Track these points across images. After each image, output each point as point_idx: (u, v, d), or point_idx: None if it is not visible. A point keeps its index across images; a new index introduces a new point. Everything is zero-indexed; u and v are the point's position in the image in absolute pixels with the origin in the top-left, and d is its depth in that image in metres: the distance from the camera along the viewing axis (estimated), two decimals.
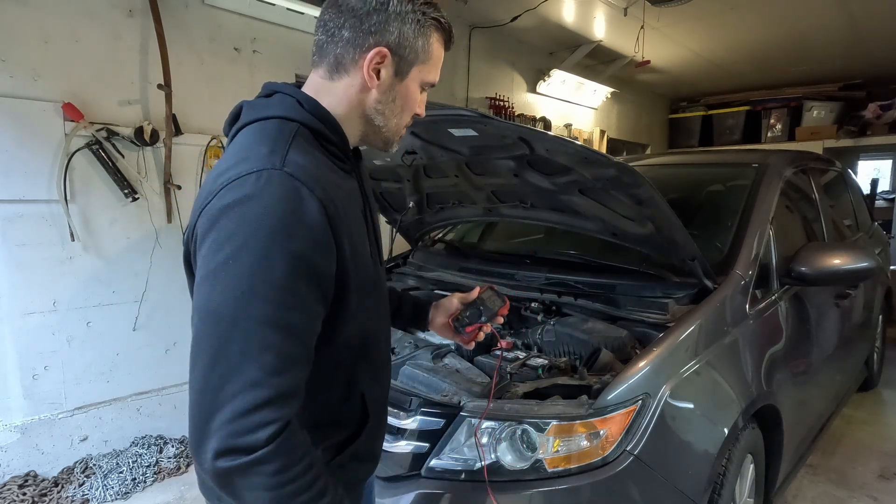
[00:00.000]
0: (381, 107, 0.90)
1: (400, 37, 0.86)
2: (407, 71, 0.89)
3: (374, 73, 0.87)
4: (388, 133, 0.94)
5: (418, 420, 1.53)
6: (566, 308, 1.97)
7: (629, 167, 1.53)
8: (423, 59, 0.90)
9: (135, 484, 2.70)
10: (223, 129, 0.97)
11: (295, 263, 0.73)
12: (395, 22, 0.85)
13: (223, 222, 0.73)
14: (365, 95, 0.89)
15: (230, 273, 0.71)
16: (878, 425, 3.32)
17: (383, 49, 0.86)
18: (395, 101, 0.90)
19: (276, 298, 0.72)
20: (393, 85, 0.89)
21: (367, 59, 0.86)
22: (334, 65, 0.88)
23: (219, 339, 0.70)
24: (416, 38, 0.87)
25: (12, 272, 2.57)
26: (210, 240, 0.74)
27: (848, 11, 4.65)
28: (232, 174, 0.76)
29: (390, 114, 0.91)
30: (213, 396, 0.69)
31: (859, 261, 2.10)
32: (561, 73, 5.58)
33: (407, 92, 0.91)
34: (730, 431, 1.61)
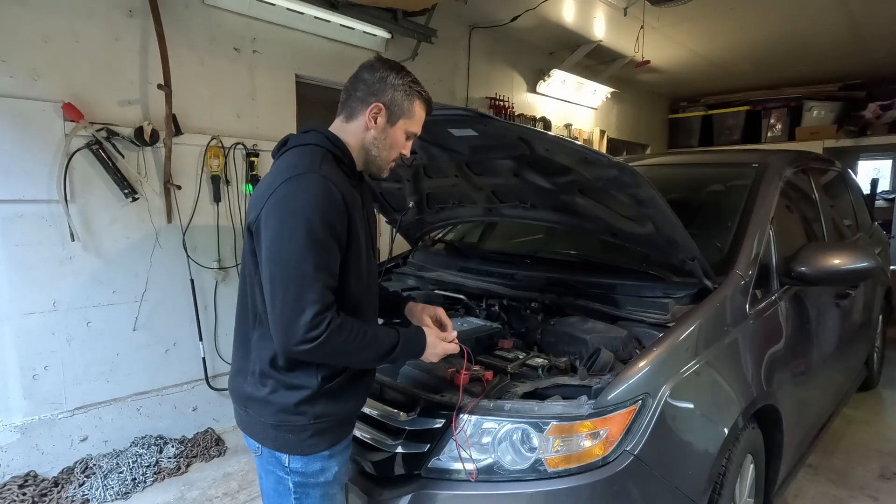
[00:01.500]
0: (377, 143, 1.35)
1: (392, 98, 1.33)
2: (395, 121, 1.35)
3: (373, 119, 1.33)
4: (380, 162, 1.38)
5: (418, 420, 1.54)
6: (566, 308, 1.97)
7: (629, 167, 1.53)
8: (407, 115, 1.36)
9: (135, 484, 2.70)
10: (273, 152, 1.40)
11: (329, 230, 1.19)
12: (390, 89, 1.32)
13: (285, 205, 1.18)
14: (366, 134, 1.35)
15: (293, 236, 1.17)
16: (878, 425, 3.32)
17: (380, 104, 1.32)
18: (385, 139, 1.36)
19: (319, 251, 1.18)
20: (385, 129, 1.35)
21: (369, 110, 1.32)
22: (349, 114, 1.35)
23: (289, 276, 1.17)
24: (403, 101, 1.34)
25: (12, 272, 2.57)
26: (276, 216, 1.19)
27: (848, 11, 4.65)
28: (289, 175, 1.21)
29: (382, 148, 1.36)
30: (290, 313, 1.16)
31: (859, 261, 2.09)
32: (561, 73, 5.58)
33: (394, 135, 1.36)
34: (730, 431, 1.61)
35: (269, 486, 1.37)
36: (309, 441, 1.29)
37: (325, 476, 1.34)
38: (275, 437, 1.29)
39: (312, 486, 1.33)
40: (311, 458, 1.31)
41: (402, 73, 1.33)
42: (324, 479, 1.34)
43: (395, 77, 1.32)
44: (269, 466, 1.34)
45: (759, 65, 6.32)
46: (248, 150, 3.35)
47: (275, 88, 3.55)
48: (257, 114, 3.46)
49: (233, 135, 3.31)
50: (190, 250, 3.14)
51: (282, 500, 1.35)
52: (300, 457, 1.30)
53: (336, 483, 1.37)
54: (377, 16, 3.84)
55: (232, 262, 3.36)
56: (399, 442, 1.54)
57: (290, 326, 1.15)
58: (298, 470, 1.31)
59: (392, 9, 3.89)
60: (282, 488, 1.34)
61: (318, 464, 1.32)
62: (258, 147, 3.40)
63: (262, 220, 1.21)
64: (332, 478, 1.35)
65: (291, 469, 1.31)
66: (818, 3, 4.47)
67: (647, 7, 4.30)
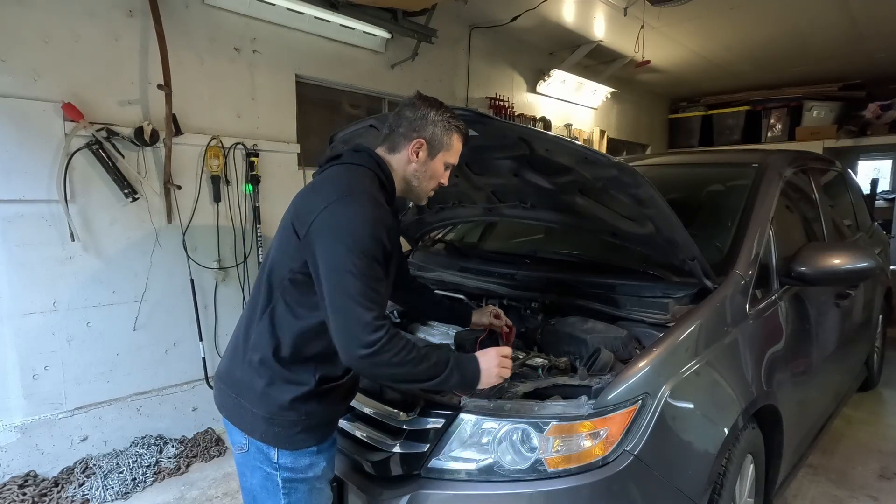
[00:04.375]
0: (418, 174, 1.46)
1: (433, 134, 1.43)
2: (435, 155, 1.45)
3: (415, 153, 1.43)
4: (420, 192, 1.49)
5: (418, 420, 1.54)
6: (566, 308, 1.97)
7: (629, 167, 1.53)
8: (446, 148, 1.45)
9: (135, 484, 2.70)
10: (321, 161, 1.48)
11: (380, 248, 1.26)
12: (430, 125, 1.42)
13: (342, 223, 1.25)
14: (408, 167, 1.45)
15: (350, 252, 1.22)
16: (878, 425, 3.32)
17: (422, 140, 1.42)
18: (426, 171, 1.46)
19: (373, 265, 1.24)
20: (426, 162, 1.44)
21: (411, 145, 1.42)
22: (392, 146, 1.45)
23: (349, 288, 1.21)
24: (443, 136, 1.43)
25: (12, 272, 2.57)
26: (333, 233, 1.24)
27: (848, 11, 4.65)
28: (343, 194, 1.28)
29: (423, 179, 1.47)
30: (353, 320, 1.20)
31: (859, 261, 2.09)
32: (561, 73, 5.58)
33: (434, 167, 1.46)
34: (730, 431, 1.61)
35: (254, 482, 1.38)
36: (298, 436, 1.33)
37: (313, 471, 1.38)
38: (264, 429, 1.32)
39: (301, 481, 1.36)
40: (299, 453, 1.35)
41: (441, 109, 1.43)
42: (312, 474, 1.37)
43: (434, 114, 1.42)
44: (255, 463, 1.36)
45: (759, 65, 6.32)
46: (248, 150, 3.36)
47: (275, 88, 3.55)
48: (257, 114, 3.46)
49: (233, 135, 3.31)
50: (190, 250, 3.14)
51: (269, 496, 1.36)
52: (289, 452, 1.33)
53: (323, 478, 1.42)
54: (377, 16, 3.84)
55: (232, 262, 3.36)
56: (399, 442, 1.54)
57: (353, 332, 1.20)
58: (287, 465, 1.34)
59: (392, 9, 3.89)
60: (270, 484, 1.35)
61: (306, 459, 1.36)
62: (258, 147, 3.40)
63: (315, 233, 1.25)
64: (319, 472, 1.39)
65: (280, 465, 1.33)
66: (818, 3, 4.47)
67: (647, 7, 4.30)
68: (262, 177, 3.43)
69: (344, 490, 1.61)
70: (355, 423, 1.69)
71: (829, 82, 7.02)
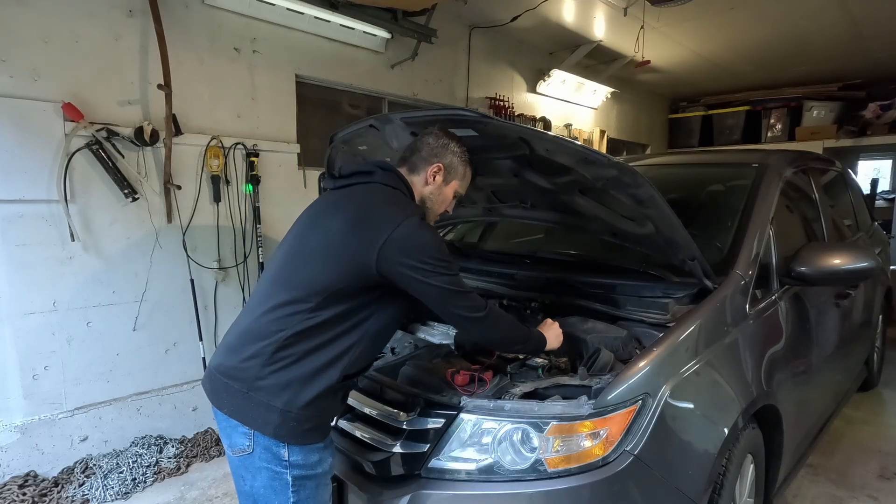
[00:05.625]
0: (432, 196, 1.60)
1: (451, 162, 1.59)
2: (449, 181, 1.61)
3: (433, 176, 1.57)
4: (431, 213, 1.61)
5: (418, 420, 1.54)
6: (566, 308, 1.97)
7: (629, 167, 1.53)
8: (460, 177, 1.63)
9: (135, 484, 2.70)
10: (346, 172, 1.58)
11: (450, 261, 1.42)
12: (450, 154, 1.59)
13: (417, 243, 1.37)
14: (425, 188, 1.58)
15: (437, 264, 1.37)
16: (878, 425, 3.32)
17: (441, 164, 1.57)
18: (440, 195, 1.60)
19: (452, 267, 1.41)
20: (441, 186, 1.59)
21: (431, 168, 1.57)
22: (412, 168, 1.58)
23: (452, 287, 1.40)
24: (458, 165, 1.61)
25: (12, 272, 2.57)
26: (414, 254, 1.36)
27: (848, 11, 4.65)
28: (403, 218, 1.38)
29: (436, 201, 1.61)
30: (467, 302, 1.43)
31: (859, 261, 2.09)
32: (561, 73, 5.58)
33: (446, 192, 1.62)
34: (730, 431, 1.61)
35: (257, 485, 1.35)
36: (310, 432, 1.34)
37: (322, 467, 1.40)
38: (278, 423, 1.30)
39: (310, 477, 1.37)
40: (309, 449, 1.36)
41: (459, 143, 1.60)
42: (321, 469, 1.39)
43: (455, 146, 1.59)
44: (260, 464, 1.33)
45: (759, 65, 6.32)
46: (248, 150, 3.36)
47: (275, 88, 3.55)
48: (257, 114, 3.46)
49: (233, 135, 3.31)
50: (190, 250, 3.14)
51: (276, 496, 1.35)
52: (299, 448, 1.34)
53: (328, 473, 1.44)
54: (377, 16, 3.84)
55: (232, 262, 3.36)
56: (399, 442, 1.53)
57: (470, 307, 1.43)
58: (299, 462, 1.34)
59: (392, 9, 3.89)
60: (277, 484, 1.34)
61: (315, 455, 1.37)
62: (258, 147, 3.40)
63: (396, 258, 1.35)
64: (327, 468, 1.42)
65: (291, 462, 1.33)
66: (818, 3, 4.47)
67: (647, 7, 4.30)
68: (262, 177, 3.43)
69: (344, 490, 1.61)
70: (355, 423, 1.69)
71: (829, 82, 7.02)
